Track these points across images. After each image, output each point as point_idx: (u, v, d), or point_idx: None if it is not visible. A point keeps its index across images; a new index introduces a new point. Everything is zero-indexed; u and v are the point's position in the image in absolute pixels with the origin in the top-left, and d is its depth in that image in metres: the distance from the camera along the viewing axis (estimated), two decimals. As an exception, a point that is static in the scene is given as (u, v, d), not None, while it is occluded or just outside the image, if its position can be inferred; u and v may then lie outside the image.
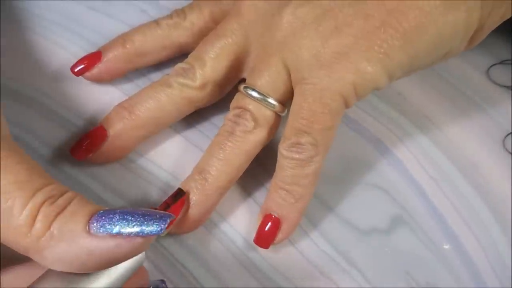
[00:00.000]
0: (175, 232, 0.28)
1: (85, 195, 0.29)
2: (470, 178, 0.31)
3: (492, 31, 0.30)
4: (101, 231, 0.20)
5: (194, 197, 0.27)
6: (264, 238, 0.28)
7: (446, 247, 0.30)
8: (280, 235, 0.28)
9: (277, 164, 0.28)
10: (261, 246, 0.28)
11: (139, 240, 0.20)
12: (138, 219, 0.21)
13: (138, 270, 0.23)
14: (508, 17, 0.28)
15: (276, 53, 0.27)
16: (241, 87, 0.28)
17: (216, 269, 0.28)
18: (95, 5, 0.34)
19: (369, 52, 0.26)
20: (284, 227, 0.28)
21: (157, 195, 0.30)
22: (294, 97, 0.27)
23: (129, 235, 0.20)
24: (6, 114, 0.30)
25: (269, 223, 0.28)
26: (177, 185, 0.29)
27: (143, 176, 0.30)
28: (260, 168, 0.30)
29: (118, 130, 0.29)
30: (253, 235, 0.28)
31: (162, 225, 0.21)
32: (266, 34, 0.28)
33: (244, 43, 0.29)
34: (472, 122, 0.33)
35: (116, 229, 0.20)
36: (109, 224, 0.20)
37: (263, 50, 0.28)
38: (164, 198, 0.29)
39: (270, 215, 0.28)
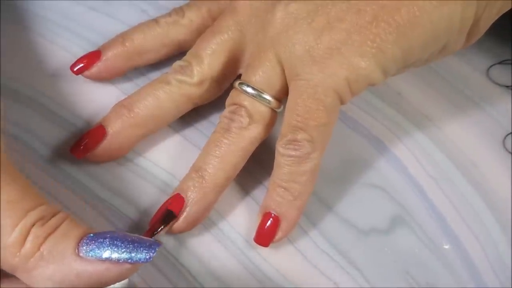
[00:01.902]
0: (174, 231, 0.28)
1: (83, 194, 0.29)
2: (470, 178, 0.31)
3: (492, 31, 0.30)
4: (90, 255, 0.21)
5: (192, 196, 0.27)
6: (264, 237, 0.28)
7: (446, 247, 0.30)
8: (279, 233, 0.28)
9: (274, 162, 0.28)
10: (261, 245, 0.28)
11: (127, 266, 0.21)
12: (128, 246, 0.21)
13: None
14: (506, 10, 0.28)
15: (270, 49, 0.27)
16: (236, 83, 0.28)
17: (216, 268, 0.28)
18: (95, 5, 0.34)
19: (362, 47, 0.25)
20: (284, 225, 0.28)
21: (155, 194, 0.30)
22: (289, 94, 0.27)
23: (118, 260, 0.21)
24: (6, 114, 0.30)
25: (269, 221, 0.28)
26: (175, 183, 0.29)
27: (141, 175, 0.30)
28: (258, 166, 0.30)
29: (117, 128, 0.29)
30: (253, 233, 0.28)
31: (151, 253, 0.21)
32: (260, 31, 0.28)
33: (240, 40, 0.30)
34: (471, 121, 0.33)
35: (105, 255, 0.21)
36: (99, 249, 0.21)
37: (257, 47, 0.28)
38: (162, 197, 0.29)
39: (269, 213, 0.28)
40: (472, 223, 0.30)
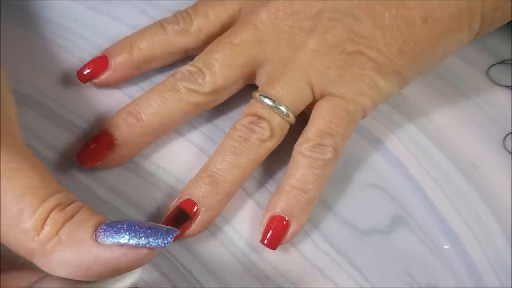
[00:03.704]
0: (185, 236, 0.28)
1: (85, 196, 0.29)
2: (470, 178, 0.31)
3: (492, 31, 0.30)
4: (108, 240, 0.21)
5: (205, 202, 0.27)
6: (274, 239, 0.28)
7: (446, 247, 0.30)
8: (288, 236, 0.28)
9: (293, 165, 0.28)
10: (269, 247, 0.28)
11: (144, 251, 0.21)
12: (145, 231, 0.21)
13: None
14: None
15: (301, 71, 0.29)
16: (257, 94, 0.29)
17: (216, 269, 0.28)
18: (95, 5, 0.34)
19: (389, 74, 0.29)
20: (294, 228, 0.28)
21: (156, 195, 0.30)
22: (320, 104, 0.29)
23: (135, 245, 0.21)
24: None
25: (279, 223, 0.28)
26: (177, 185, 0.29)
27: (143, 176, 0.30)
28: (258, 167, 0.30)
29: (126, 138, 0.28)
30: (253, 234, 0.28)
31: (168, 238, 0.21)
32: (287, 51, 0.29)
33: (258, 55, 0.29)
34: (472, 122, 0.33)
35: (123, 240, 0.21)
36: (117, 234, 0.21)
37: (283, 65, 0.29)
38: (165, 199, 0.29)
39: (281, 215, 0.28)
40: (472, 223, 0.30)
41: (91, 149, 0.28)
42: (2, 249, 0.22)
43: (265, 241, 0.28)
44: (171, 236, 0.21)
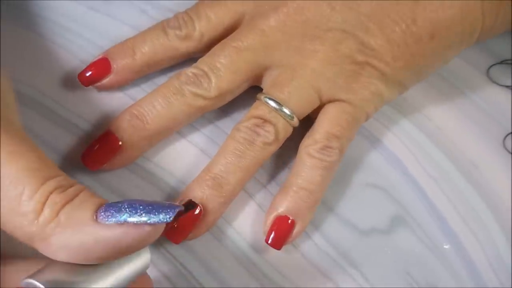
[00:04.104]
0: (188, 238, 0.28)
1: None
2: (470, 178, 0.31)
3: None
4: (108, 219, 0.20)
5: (209, 204, 0.27)
6: (278, 239, 0.28)
7: (446, 247, 0.30)
8: (292, 236, 0.28)
9: (300, 165, 0.28)
10: (274, 247, 0.28)
11: (146, 228, 0.20)
12: (146, 208, 0.20)
13: (142, 277, 0.22)
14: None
15: (310, 78, 0.29)
16: (263, 97, 0.29)
17: (216, 269, 0.28)
18: (95, 5, 0.34)
19: (392, 84, 0.30)
20: (298, 228, 0.28)
21: (157, 196, 0.30)
22: (328, 108, 0.30)
23: (136, 223, 0.20)
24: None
25: (284, 223, 0.28)
26: (178, 186, 0.29)
27: (144, 176, 0.30)
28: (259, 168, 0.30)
29: (132, 140, 0.28)
30: (253, 235, 0.28)
31: (170, 213, 0.20)
32: (296, 57, 0.29)
33: (265, 60, 0.29)
34: (472, 122, 0.33)
35: (123, 217, 0.20)
36: (117, 212, 0.20)
37: (292, 70, 0.29)
38: (166, 199, 0.29)
39: (286, 215, 0.28)
40: (472, 222, 0.30)
41: (96, 152, 0.28)
42: (2, 239, 0.21)
43: (270, 241, 0.28)
44: (173, 211, 0.20)
